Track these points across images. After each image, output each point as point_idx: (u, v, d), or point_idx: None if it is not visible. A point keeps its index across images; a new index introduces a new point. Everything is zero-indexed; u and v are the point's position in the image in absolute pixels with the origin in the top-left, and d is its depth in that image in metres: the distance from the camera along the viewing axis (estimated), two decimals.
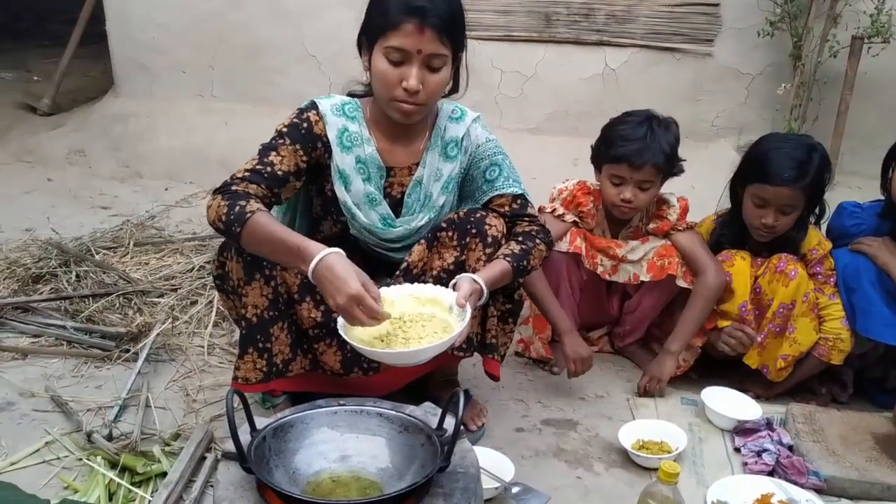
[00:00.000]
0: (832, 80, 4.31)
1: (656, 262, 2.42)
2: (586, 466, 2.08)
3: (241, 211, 1.68)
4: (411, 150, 2.00)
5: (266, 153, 1.85)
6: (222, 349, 2.56)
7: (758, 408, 2.29)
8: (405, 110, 1.82)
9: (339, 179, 1.93)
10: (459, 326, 1.64)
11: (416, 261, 1.94)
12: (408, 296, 1.77)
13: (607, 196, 2.41)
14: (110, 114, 4.83)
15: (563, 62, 4.58)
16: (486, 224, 1.93)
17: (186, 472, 1.88)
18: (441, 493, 1.33)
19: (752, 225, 2.38)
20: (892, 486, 1.95)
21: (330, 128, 1.91)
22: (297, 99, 4.69)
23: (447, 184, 2.01)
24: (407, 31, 1.73)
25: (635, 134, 2.31)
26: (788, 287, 2.31)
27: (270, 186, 1.81)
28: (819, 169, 2.30)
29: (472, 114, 2.05)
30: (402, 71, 1.77)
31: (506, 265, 1.88)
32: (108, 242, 3.31)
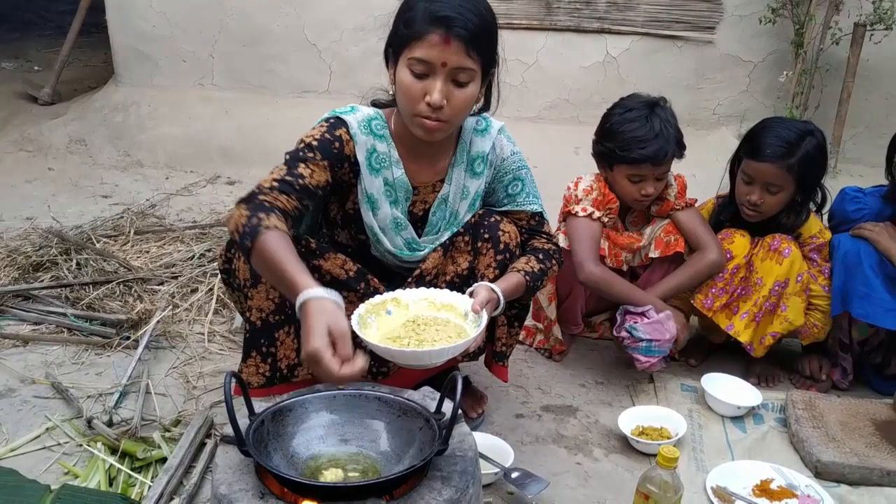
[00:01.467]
0: (834, 68, 4.30)
1: (663, 238, 2.41)
2: (586, 452, 2.08)
3: (255, 224, 1.56)
4: (436, 167, 1.92)
5: (295, 164, 1.74)
6: (222, 336, 2.56)
7: (758, 394, 2.29)
8: (428, 126, 1.72)
9: (367, 203, 1.86)
10: (475, 332, 1.62)
11: (430, 268, 1.90)
12: (423, 300, 1.75)
13: (626, 193, 2.37)
14: (111, 103, 4.83)
15: (564, 50, 4.58)
16: (499, 230, 1.89)
17: (186, 457, 1.89)
18: (439, 475, 1.33)
19: (740, 203, 2.39)
20: (892, 471, 1.95)
21: (359, 148, 1.81)
22: (297, 87, 4.77)
23: (474, 201, 1.95)
24: (432, 41, 1.64)
25: (650, 133, 2.26)
26: (782, 265, 2.31)
27: (300, 198, 1.70)
28: (809, 153, 2.28)
29: (496, 124, 1.96)
30: (426, 84, 1.68)
31: (522, 281, 1.84)
32: (109, 231, 3.31)
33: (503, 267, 1.88)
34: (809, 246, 2.40)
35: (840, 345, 2.41)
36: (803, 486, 1.92)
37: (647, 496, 1.65)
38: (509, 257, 1.89)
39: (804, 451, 2.06)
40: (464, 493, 1.30)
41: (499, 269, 1.87)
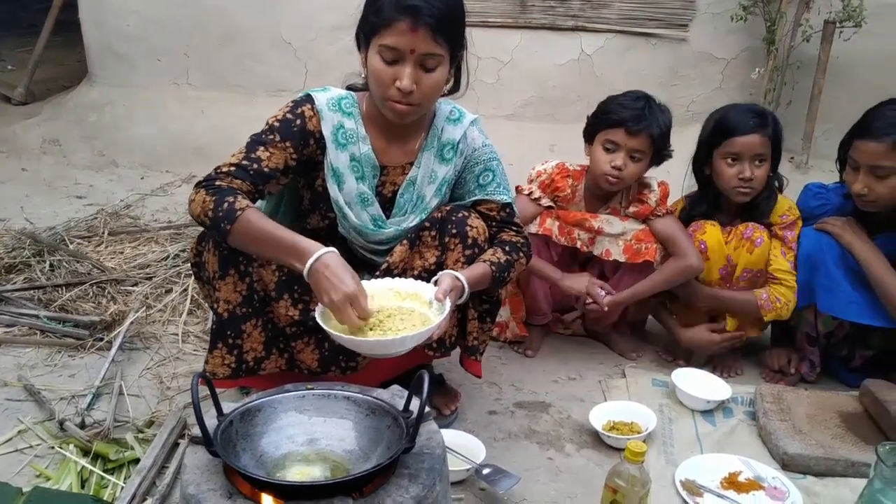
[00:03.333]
0: (805, 65, 4.34)
1: (633, 245, 2.43)
2: (557, 447, 2.10)
3: (230, 208, 1.64)
4: (406, 149, 1.97)
5: (254, 147, 1.80)
6: (197, 337, 2.56)
7: (727, 388, 2.33)
8: (399, 110, 1.78)
9: (333, 177, 1.89)
10: (438, 319, 1.64)
11: (398, 261, 1.91)
12: (388, 289, 1.76)
13: (597, 164, 2.41)
14: (85, 102, 4.80)
15: (539, 48, 4.59)
16: (467, 225, 1.91)
17: (160, 458, 1.89)
18: (407, 473, 1.34)
19: (731, 186, 2.41)
20: (856, 462, 1.99)
21: (325, 123, 1.86)
22: (273, 86, 4.76)
23: (441, 186, 1.98)
24: (400, 29, 1.69)
25: (635, 104, 2.36)
26: (753, 254, 2.37)
27: (255, 183, 1.76)
28: (776, 123, 2.39)
29: (470, 116, 2.01)
30: (395, 70, 1.73)
31: (488, 271, 1.87)
32: (83, 232, 3.30)
33: (471, 262, 1.90)
34: (781, 225, 2.44)
35: (807, 338, 2.46)
36: (770, 478, 1.96)
37: (615, 490, 1.68)
38: (478, 252, 1.91)
39: (772, 444, 2.10)
40: (430, 490, 1.32)
41: (467, 264, 1.89)
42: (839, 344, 2.47)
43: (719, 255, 2.43)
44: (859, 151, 2.22)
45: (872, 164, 2.19)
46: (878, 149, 2.17)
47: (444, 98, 1.95)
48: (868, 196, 2.23)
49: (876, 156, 2.18)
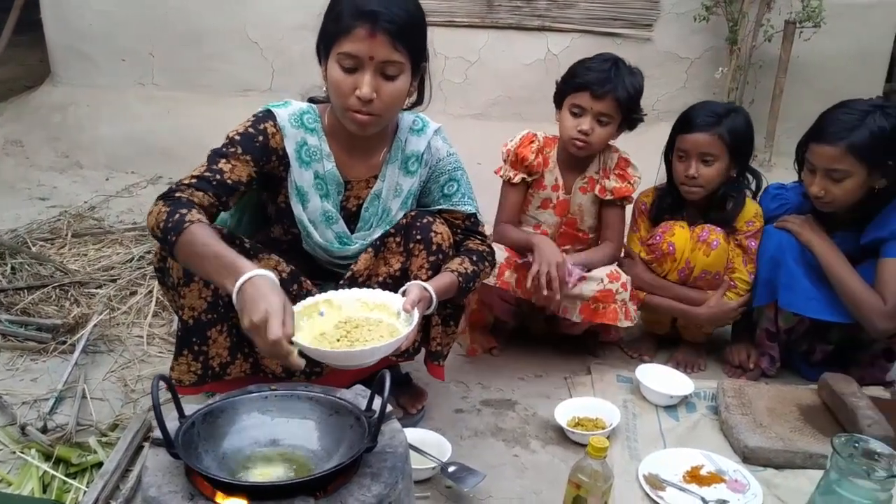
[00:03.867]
0: (767, 64, 4.42)
1: (590, 305, 2.39)
2: (523, 444, 2.12)
3: (179, 219, 1.59)
4: (370, 162, 1.95)
5: (215, 160, 1.76)
6: (162, 339, 2.54)
7: (690, 383, 2.36)
8: (360, 121, 1.76)
9: (297, 196, 1.87)
10: (406, 330, 1.64)
11: (362, 269, 1.91)
12: (355, 300, 1.76)
13: (565, 129, 2.41)
14: (48, 103, 4.74)
15: (506, 48, 4.62)
16: (431, 231, 1.91)
17: (123, 461, 1.88)
18: (369, 472, 1.35)
19: (679, 182, 2.48)
20: (814, 454, 2.03)
21: (288, 141, 1.83)
22: (239, 86, 4.73)
23: (406, 199, 1.98)
24: (359, 36, 1.67)
25: (600, 67, 2.34)
26: (710, 256, 2.42)
27: (218, 195, 1.73)
28: (738, 125, 2.41)
29: (433, 125, 2.00)
30: (355, 78, 1.71)
31: (455, 281, 1.87)
32: (46, 234, 3.26)
33: (436, 268, 1.91)
34: (746, 233, 2.48)
35: (767, 334, 2.50)
36: (731, 472, 1.99)
37: (579, 485, 1.70)
38: (442, 258, 1.92)
39: (733, 438, 2.13)
40: (393, 489, 1.33)
41: (431, 270, 1.90)
42: (800, 339, 2.52)
43: (681, 257, 2.46)
44: (815, 155, 2.26)
45: (828, 168, 2.23)
46: (832, 153, 2.21)
47: (406, 111, 1.95)
48: (825, 198, 2.27)
49: (831, 159, 2.22)
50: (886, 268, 2.27)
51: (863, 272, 2.31)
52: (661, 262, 2.49)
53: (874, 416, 2.06)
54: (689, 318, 2.54)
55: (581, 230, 2.56)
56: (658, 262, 2.49)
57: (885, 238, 2.28)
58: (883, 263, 2.28)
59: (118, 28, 4.67)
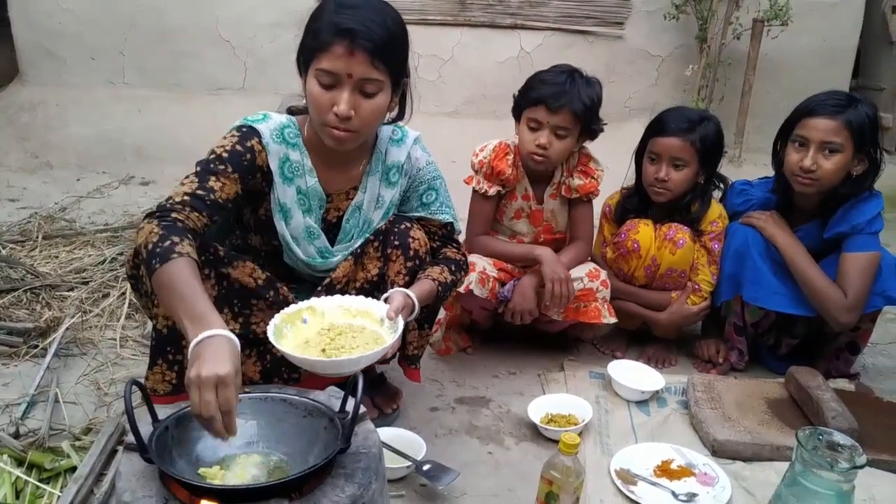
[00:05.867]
0: (736, 62, 4.49)
1: (571, 305, 2.43)
2: (497, 442, 2.15)
3: (169, 247, 1.51)
4: (350, 174, 1.95)
5: (206, 177, 1.72)
6: (135, 341, 2.53)
7: (661, 378, 2.40)
8: (337, 137, 1.74)
9: (280, 213, 1.87)
10: (391, 338, 1.65)
11: (341, 276, 1.92)
12: (338, 307, 1.76)
13: (523, 143, 2.40)
14: (16, 102, 4.68)
15: (479, 46, 4.65)
16: (409, 237, 1.93)
17: (97, 465, 1.87)
18: (343, 473, 1.36)
19: (648, 183, 2.52)
20: (781, 446, 2.07)
21: (272, 158, 1.82)
22: (211, 84, 4.71)
23: (388, 210, 1.99)
24: (336, 53, 1.66)
25: (556, 79, 2.33)
26: (675, 255, 2.46)
27: (211, 214, 1.70)
28: (709, 133, 2.45)
29: (412, 134, 2.00)
30: (333, 95, 1.70)
31: (434, 290, 1.89)
32: (16, 236, 3.22)
33: (413, 273, 1.92)
34: (710, 234, 2.52)
35: (735, 328, 2.55)
36: (701, 465, 2.03)
37: (551, 482, 1.72)
38: (419, 264, 1.94)
39: (702, 431, 2.17)
40: (367, 489, 1.34)
41: (409, 276, 1.92)
42: (766, 333, 2.58)
43: (645, 254, 2.50)
44: (811, 128, 2.29)
45: (824, 140, 2.27)
46: (831, 125, 2.26)
47: (386, 125, 1.94)
48: (815, 172, 2.30)
49: (829, 132, 2.26)
50: (848, 262, 2.33)
51: (826, 267, 2.37)
52: (627, 260, 2.52)
53: (838, 409, 2.10)
54: (652, 323, 2.60)
55: (558, 232, 2.60)
56: (624, 260, 2.53)
57: (847, 232, 2.34)
58: (844, 258, 2.34)
59: (88, 26, 4.63)
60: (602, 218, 2.71)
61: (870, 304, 2.34)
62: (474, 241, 2.51)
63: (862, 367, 2.67)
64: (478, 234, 2.51)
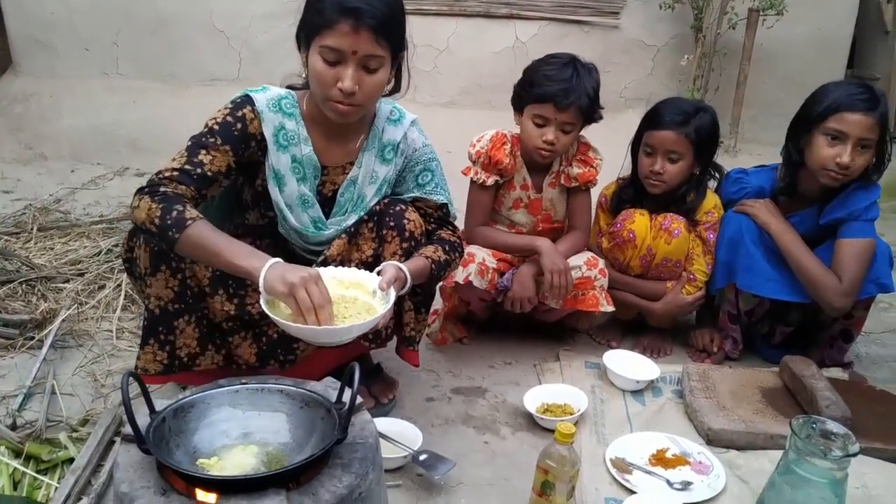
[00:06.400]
0: (732, 52, 4.49)
1: (569, 294, 2.44)
2: (493, 431, 2.16)
3: (179, 217, 1.62)
4: (347, 148, 1.97)
5: (195, 151, 1.77)
6: (131, 333, 2.53)
7: (656, 368, 2.41)
8: (341, 111, 1.78)
9: (273, 179, 1.89)
10: (383, 309, 1.66)
11: (335, 255, 1.93)
12: (331, 278, 1.76)
13: (529, 138, 2.40)
14: (10, 94, 4.67)
15: (475, 36, 4.64)
16: (404, 218, 1.94)
17: (94, 456, 1.88)
18: (339, 463, 1.37)
19: (643, 175, 2.52)
20: (775, 435, 2.09)
21: (266, 125, 1.85)
22: (206, 75, 4.70)
23: (381, 186, 2.00)
24: (342, 31, 1.69)
25: (561, 75, 2.31)
26: (671, 244, 2.47)
27: (199, 188, 1.75)
28: (704, 124, 2.45)
29: (410, 116, 2.03)
30: (337, 71, 1.73)
31: (427, 267, 1.90)
32: (11, 228, 3.22)
33: (408, 254, 1.93)
34: (705, 224, 2.53)
35: (729, 317, 2.56)
36: (696, 454, 2.04)
37: (547, 471, 1.73)
38: (414, 245, 1.94)
39: (697, 420, 2.18)
40: (364, 479, 1.35)
41: (404, 257, 1.92)
42: (760, 321, 2.59)
43: (641, 244, 2.51)
44: (849, 124, 2.27)
45: (861, 136, 2.26)
46: (868, 122, 2.25)
47: (385, 98, 1.96)
48: (850, 168, 2.28)
49: (866, 128, 2.25)
50: (843, 248, 2.34)
51: (821, 254, 2.38)
52: (622, 249, 2.53)
53: (832, 398, 2.12)
54: (647, 313, 2.61)
55: (556, 221, 2.60)
56: (620, 249, 2.54)
57: (844, 218, 2.35)
58: (840, 244, 2.35)
59: (81, 17, 4.61)
60: (598, 208, 2.71)
61: (863, 291, 2.36)
62: (474, 232, 2.51)
63: (856, 356, 2.69)
64: (477, 224, 2.51)
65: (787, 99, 4.62)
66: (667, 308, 2.55)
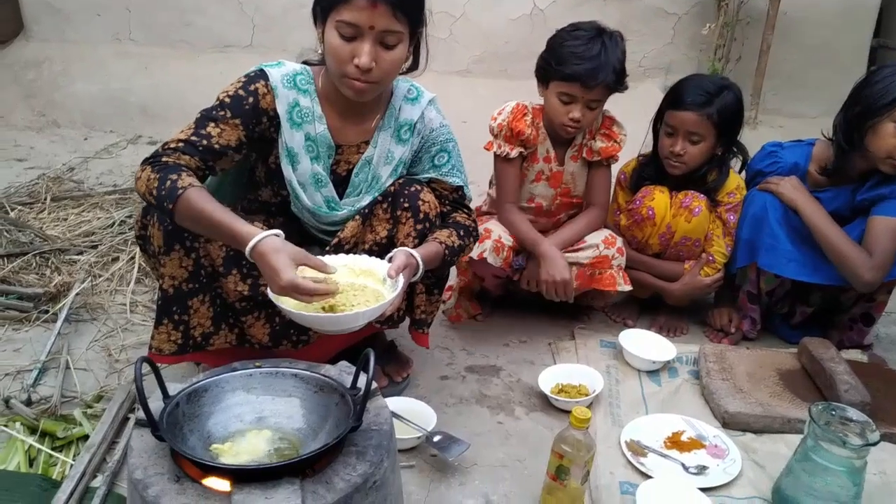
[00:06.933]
0: (755, 20, 4.37)
1: (586, 272, 2.42)
2: (507, 411, 2.15)
3: (172, 186, 1.60)
4: (363, 127, 1.93)
5: (204, 123, 1.75)
6: (145, 306, 2.53)
7: (672, 348, 2.38)
8: (358, 88, 1.74)
9: (287, 157, 1.86)
10: (391, 296, 1.65)
11: (349, 236, 1.91)
12: (342, 265, 1.75)
13: (555, 115, 2.34)
14: (21, 59, 4.63)
15: (491, 3, 4.55)
16: (419, 199, 1.91)
17: (109, 433, 1.89)
18: (354, 451, 1.36)
19: (663, 155, 2.46)
20: (792, 419, 2.07)
21: (280, 101, 1.82)
22: (218, 41, 4.64)
23: (397, 167, 1.96)
24: (359, 5, 1.64)
25: (589, 52, 2.23)
26: (691, 223, 2.43)
27: (205, 159, 1.73)
28: (728, 104, 2.36)
29: (427, 95, 1.97)
30: (354, 47, 1.69)
31: (441, 252, 1.87)
32: (24, 197, 3.21)
33: (422, 236, 1.90)
34: (727, 206, 2.48)
35: (748, 296, 2.52)
36: (711, 437, 2.03)
37: (562, 456, 1.72)
38: (428, 227, 1.92)
39: (713, 403, 2.16)
40: (378, 467, 1.34)
41: (418, 239, 1.89)
42: (780, 301, 2.55)
43: (660, 222, 2.47)
44: None
45: None
46: None
47: (402, 75, 1.91)
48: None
49: None
50: (877, 224, 2.28)
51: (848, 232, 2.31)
52: (641, 227, 2.49)
53: (851, 382, 2.09)
54: (665, 293, 2.58)
55: (575, 195, 2.56)
56: (638, 227, 2.50)
57: (886, 195, 2.28)
58: (874, 220, 2.29)
59: None
60: (616, 185, 2.66)
61: (891, 273, 2.30)
62: (502, 208, 2.46)
63: (875, 336, 2.64)
64: (506, 201, 2.45)
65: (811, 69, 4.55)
66: (684, 290, 2.52)
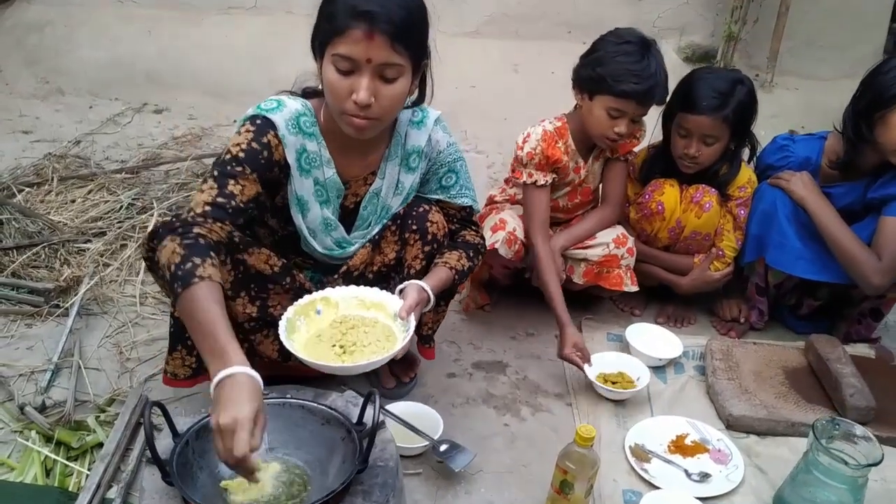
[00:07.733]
0: None
1: (594, 270, 2.42)
2: (513, 412, 2.17)
3: (190, 270, 1.47)
4: (369, 160, 1.89)
5: (225, 182, 1.67)
6: (154, 298, 2.55)
7: (679, 344, 2.39)
8: (357, 125, 1.67)
9: (297, 205, 1.83)
10: (402, 338, 1.65)
11: (358, 264, 1.90)
12: (353, 297, 1.76)
13: (599, 127, 2.27)
14: (23, 22, 4.56)
15: None
16: (427, 221, 1.90)
17: (122, 441, 1.92)
18: (360, 490, 1.39)
19: (677, 156, 2.42)
20: (796, 423, 2.08)
21: (289, 150, 1.76)
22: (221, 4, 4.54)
23: (408, 196, 1.94)
24: (355, 37, 1.56)
25: (645, 70, 2.17)
26: (701, 218, 2.41)
27: (234, 220, 1.66)
28: (742, 101, 2.30)
29: (433, 114, 1.92)
30: (352, 82, 1.61)
31: (451, 277, 1.87)
32: (31, 177, 3.20)
33: (430, 258, 1.90)
34: (737, 200, 2.45)
35: (756, 289, 2.52)
36: (715, 441, 2.05)
37: (566, 471, 1.75)
38: (436, 248, 1.92)
39: (718, 404, 2.18)
40: None
41: (426, 260, 1.90)
42: (788, 294, 2.54)
43: (670, 216, 2.45)
44: None
45: None
46: None
47: None
48: None
49: None
50: (887, 225, 2.25)
51: (858, 231, 2.30)
52: (650, 221, 2.47)
53: (857, 386, 2.10)
54: (674, 286, 2.57)
55: (593, 192, 2.56)
56: (647, 221, 2.47)
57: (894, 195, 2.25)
58: (884, 221, 2.26)
59: None
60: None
61: None
62: (535, 241, 2.35)
63: (884, 324, 2.64)
64: (538, 231, 2.35)
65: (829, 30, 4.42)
66: (693, 284, 2.51)
